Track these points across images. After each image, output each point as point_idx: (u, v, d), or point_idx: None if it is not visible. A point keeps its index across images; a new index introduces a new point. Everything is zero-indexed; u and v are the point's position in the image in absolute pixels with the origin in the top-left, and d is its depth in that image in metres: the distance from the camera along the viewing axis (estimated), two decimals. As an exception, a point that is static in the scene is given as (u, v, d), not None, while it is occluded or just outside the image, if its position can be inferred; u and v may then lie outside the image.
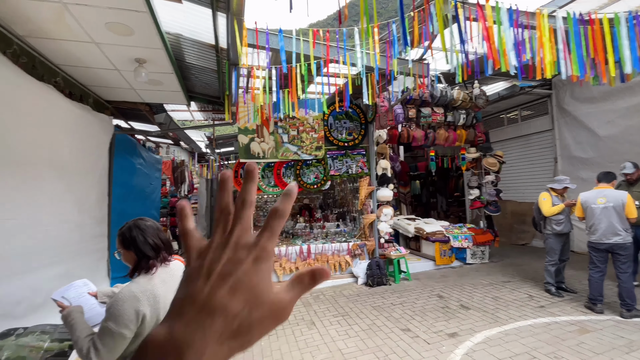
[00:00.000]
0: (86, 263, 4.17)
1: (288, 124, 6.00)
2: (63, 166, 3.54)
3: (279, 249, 5.97)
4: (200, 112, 8.28)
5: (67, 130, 3.60)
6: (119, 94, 4.75)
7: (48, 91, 3.31)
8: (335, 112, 6.34)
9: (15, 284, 2.81)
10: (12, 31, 2.92)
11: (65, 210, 3.62)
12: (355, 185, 7.18)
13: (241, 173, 5.93)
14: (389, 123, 5.35)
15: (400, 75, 4.84)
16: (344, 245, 6.26)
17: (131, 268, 1.56)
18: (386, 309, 4.68)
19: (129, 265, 1.58)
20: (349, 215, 7.67)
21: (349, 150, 6.36)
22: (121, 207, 5.42)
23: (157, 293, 1.47)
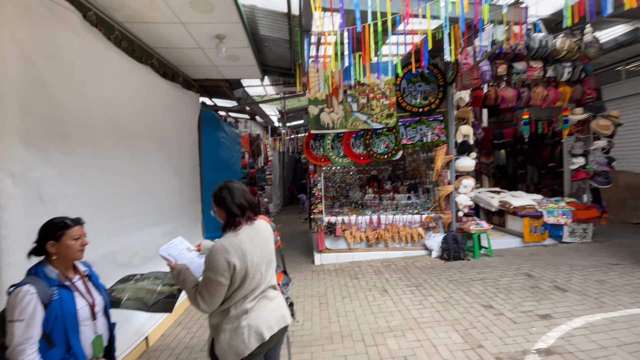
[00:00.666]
0: (185, 223, 4.82)
1: (357, 91, 5.80)
2: (163, 139, 4.04)
3: (349, 218, 6.04)
4: (273, 86, 8.55)
5: (165, 106, 4.07)
6: (202, 72, 5.14)
7: (147, 71, 3.74)
8: (408, 75, 5.89)
9: (131, 239, 3.40)
10: (113, 18, 3.32)
11: (167, 178, 4.18)
12: (430, 155, 6.73)
13: (312, 144, 6.04)
14: (474, 83, 4.75)
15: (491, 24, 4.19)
16: (416, 217, 6.03)
17: (223, 224, 1.72)
18: (464, 284, 4.43)
19: (222, 222, 1.75)
20: (421, 187, 7.30)
21: (424, 116, 5.92)
22: (210, 176, 6.06)
23: (244, 247, 1.61)
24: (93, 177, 2.89)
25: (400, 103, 5.89)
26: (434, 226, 5.94)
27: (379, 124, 5.83)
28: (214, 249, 1.58)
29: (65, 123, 2.60)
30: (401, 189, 7.49)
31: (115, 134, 3.17)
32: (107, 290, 2.08)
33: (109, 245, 3.11)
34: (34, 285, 1.55)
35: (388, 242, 5.97)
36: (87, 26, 2.82)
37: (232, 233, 1.65)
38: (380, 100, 5.83)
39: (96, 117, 2.91)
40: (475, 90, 5.94)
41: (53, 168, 2.50)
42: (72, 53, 2.64)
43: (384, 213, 6.27)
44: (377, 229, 6.00)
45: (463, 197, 5.76)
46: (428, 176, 6.79)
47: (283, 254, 2.14)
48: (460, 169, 5.77)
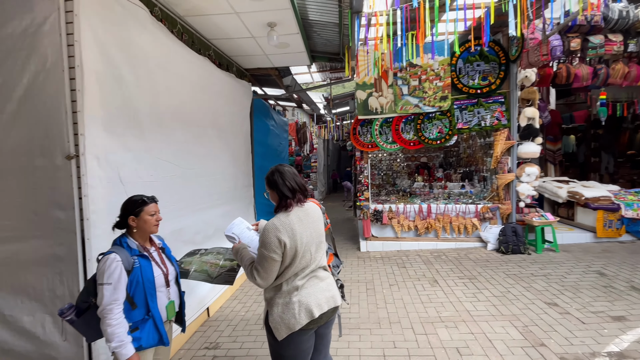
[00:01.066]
0: (239, 207, 5.10)
1: (408, 73, 5.54)
2: (220, 127, 4.28)
3: (396, 206, 5.91)
4: (319, 72, 8.53)
5: (221, 95, 4.29)
6: (254, 61, 5.30)
7: (205, 62, 3.96)
8: (465, 54, 5.47)
9: (194, 218, 3.70)
10: (175, 12, 3.53)
11: (224, 163, 4.44)
12: (488, 140, 6.26)
13: (359, 130, 5.96)
14: (542, 59, 4.26)
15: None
16: (470, 207, 5.70)
17: (275, 206, 1.79)
18: (524, 279, 4.12)
19: (274, 204, 1.82)
20: (477, 175, 6.85)
21: (483, 98, 5.48)
22: (260, 163, 6.31)
23: (294, 228, 1.66)
24: (161, 161, 3.17)
25: (455, 84, 5.52)
26: (491, 217, 5.57)
27: (431, 108, 5.54)
28: (266, 227, 1.66)
29: (138, 112, 2.86)
30: (454, 177, 7.11)
31: (179, 121, 3.42)
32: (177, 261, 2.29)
33: (176, 223, 3.41)
34: (119, 253, 1.76)
35: (439, 232, 5.74)
36: (153, 21, 3.04)
37: (283, 214, 1.71)
38: (434, 82, 5.51)
39: (163, 106, 3.17)
40: (543, 68, 5.33)
41: (129, 152, 2.78)
42: (143, 47, 2.88)
43: (435, 202, 6.02)
44: (426, 218, 5.79)
45: (525, 186, 5.29)
46: (485, 163, 6.34)
47: (334, 236, 2.17)
48: (524, 155, 5.29)
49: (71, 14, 2.36)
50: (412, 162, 9.44)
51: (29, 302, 2.40)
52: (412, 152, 9.48)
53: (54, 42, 2.25)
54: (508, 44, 5.31)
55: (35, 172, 2.34)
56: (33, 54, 2.28)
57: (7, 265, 2.40)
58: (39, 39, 2.26)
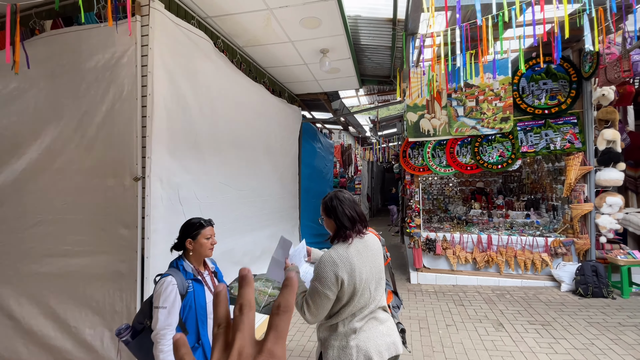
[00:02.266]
0: (285, 228, 5.09)
1: (464, 94, 5.26)
2: (271, 150, 4.38)
3: (451, 235, 5.46)
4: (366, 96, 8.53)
5: (273, 120, 4.42)
6: (305, 86, 5.44)
7: (260, 89, 4.12)
8: (529, 72, 5.07)
9: (244, 239, 3.73)
10: (235, 43, 3.75)
11: (272, 185, 4.49)
12: (558, 165, 5.63)
13: (409, 153, 5.72)
14: (623, 76, 3.75)
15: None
16: (539, 240, 5.06)
17: (331, 235, 1.67)
18: (610, 329, 3.46)
19: (330, 232, 1.70)
20: (544, 204, 6.15)
21: (551, 119, 4.98)
22: (307, 184, 6.34)
23: (353, 262, 1.52)
24: (217, 183, 3.27)
25: (518, 105, 5.10)
26: (564, 253, 4.88)
27: (490, 130, 5.16)
28: (323, 260, 1.54)
29: (199, 137, 3.01)
30: (517, 204, 6.45)
31: (234, 145, 3.54)
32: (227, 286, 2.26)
33: (227, 244, 3.46)
34: (175, 277, 1.76)
35: (501, 266, 5.16)
36: (216, 51, 3.25)
37: (342, 245, 1.58)
38: (493, 102, 5.15)
39: (221, 131, 3.31)
40: (622, 85, 4.72)
41: (189, 175, 2.90)
42: (206, 75, 3.06)
43: (496, 232, 5.46)
44: (486, 251, 5.26)
45: (607, 218, 4.58)
46: (554, 191, 5.67)
47: (393, 271, 1.97)
48: (603, 183, 4.62)
49: (146, 48, 2.58)
50: (467, 187, 8.84)
51: (92, 316, 2.52)
52: (466, 176, 8.89)
53: (131, 73, 2.46)
54: (579, 60, 4.82)
55: (106, 192, 2.52)
56: (112, 84, 2.51)
57: (76, 278, 2.57)
58: (118, 71, 2.50)
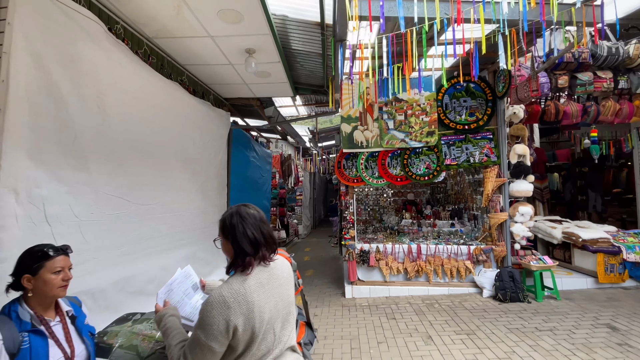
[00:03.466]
0: (208, 246, 4.53)
1: (394, 108, 5.37)
2: (188, 157, 3.86)
3: (384, 246, 5.44)
4: (304, 106, 8.39)
5: (191, 124, 3.92)
6: (234, 90, 5.03)
7: (176, 88, 3.62)
8: (452, 90, 5.37)
9: (148, 263, 3.14)
10: (142, 33, 3.24)
11: (190, 198, 3.95)
12: (477, 177, 6.02)
13: (344, 164, 5.63)
14: (532, 95, 4.14)
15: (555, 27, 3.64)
16: (463, 248, 5.29)
17: (228, 263, 1.32)
18: (529, 335, 3.63)
19: (228, 258, 1.35)
20: (467, 213, 6.54)
21: (471, 134, 5.31)
22: (238, 196, 5.84)
23: (252, 299, 1.19)
24: (108, 196, 2.68)
25: (442, 120, 5.35)
26: (485, 260, 5.15)
27: (418, 143, 5.31)
28: (210, 301, 1.17)
29: (80, 138, 2.42)
30: (443, 214, 6.77)
31: (136, 150, 2.98)
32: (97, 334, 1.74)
33: (122, 271, 2.85)
34: (2, 329, 1.24)
35: (430, 275, 5.26)
36: (110, 38, 2.71)
37: (238, 278, 1.24)
38: (420, 117, 5.34)
39: (116, 133, 2.74)
40: (531, 105, 5.25)
41: (63, 185, 2.30)
42: (93, 64, 2.51)
43: (425, 242, 5.59)
44: (416, 260, 5.33)
45: (520, 226, 4.96)
46: (475, 201, 6.05)
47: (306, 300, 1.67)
48: (516, 194, 5.02)
49: (3, 23, 2.00)
50: (400, 198, 9.13)
51: None
52: (399, 188, 9.20)
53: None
54: (494, 81, 5.26)
55: None
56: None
57: None
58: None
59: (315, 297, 5.40)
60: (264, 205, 7.87)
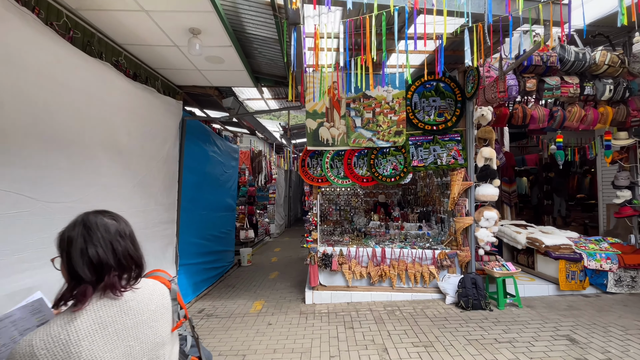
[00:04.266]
0: (151, 250, 4.08)
1: (362, 105, 5.10)
2: (121, 149, 3.39)
3: (348, 249, 5.18)
4: (275, 99, 8.00)
5: (126, 111, 3.45)
6: (186, 77, 4.58)
7: (104, 69, 3.15)
8: (421, 89, 5.17)
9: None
10: (62, 3, 2.76)
11: (125, 195, 3.49)
12: (445, 179, 5.87)
13: (308, 162, 5.31)
14: (499, 96, 3.98)
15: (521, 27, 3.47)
16: (427, 252, 5.11)
17: (59, 292, 0.96)
18: (488, 347, 3.45)
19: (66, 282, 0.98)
20: (434, 216, 6.39)
21: (439, 135, 5.12)
22: (193, 194, 5.39)
23: (78, 349, 0.83)
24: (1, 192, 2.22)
25: (411, 119, 5.13)
26: (449, 265, 4.99)
27: (385, 142, 5.07)
28: (12, 354, 0.81)
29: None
30: (411, 216, 6.60)
31: (43, 139, 2.51)
32: None
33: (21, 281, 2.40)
34: None
35: (393, 280, 5.04)
36: (10, 4, 2.23)
37: (64, 317, 0.88)
38: (388, 115, 5.09)
39: (10, 116, 2.27)
40: (499, 108, 5.14)
41: None
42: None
43: (390, 245, 5.37)
44: (380, 265, 5.09)
45: (484, 231, 4.83)
46: (442, 204, 5.90)
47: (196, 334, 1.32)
48: (482, 198, 4.88)
49: None
50: (370, 199, 8.93)
51: None
52: (370, 188, 9.00)
53: None
54: (464, 81, 5.09)
55: None
56: None
57: None
58: None
59: (274, 302, 5.06)
60: (228, 203, 7.42)
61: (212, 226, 6.42)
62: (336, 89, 5.08)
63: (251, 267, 7.79)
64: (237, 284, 6.33)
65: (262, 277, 6.73)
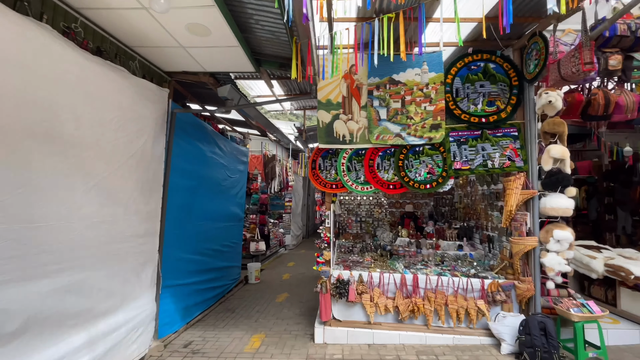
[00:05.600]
0: (118, 270, 3.23)
1: (388, 92, 4.07)
2: (66, 139, 2.57)
3: (369, 275, 4.10)
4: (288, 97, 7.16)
5: (74, 90, 2.63)
6: (172, 59, 3.77)
7: (41, 33, 2.34)
8: (464, 71, 4.07)
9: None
10: None
11: (73, 200, 2.65)
12: (495, 187, 4.68)
13: (320, 164, 4.32)
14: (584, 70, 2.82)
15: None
16: (474, 282, 3.93)
17: None
18: None
19: None
20: (478, 234, 5.18)
21: (489, 129, 3.99)
22: (184, 200, 4.55)
23: None
24: None
25: (452, 110, 4.03)
26: (504, 300, 3.78)
27: (418, 139, 4.00)
28: None
29: None
30: (448, 233, 5.41)
31: None
32: None
33: None
34: None
35: (429, 318, 3.89)
36: None
37: None
38: (422, 105, 4.03)
39: None
40: (570, 94, 3.94)
41: None
42: None
43: (424, 270, 4.24)
44: (412, 296, 3.97)
45: (554, 257, 3.60)
46: (491, 219, 4.70)
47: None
48: (550, 212, 3.66)
49: None
50: (397, 210, 7.78)
51: None
52: (395, 197, 7.85)
53: None
54: (522, 60, 3.95)
55: None
56: None
57: None
58: None
59: (277, 338, 4.06)
60: (233, 212, 6.56)
61: (212, 239, 5.55)
62: (355, 73, 4.10)
63: (259, 286, 6.84)
64: (239, 307, 5.39)
65: (268, 300, 5.76)
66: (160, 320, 4.01)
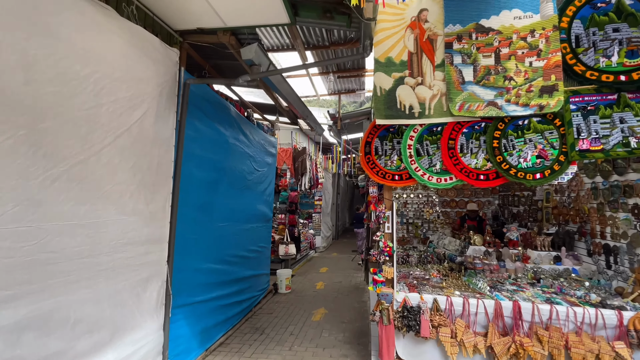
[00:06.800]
0: (106, 291, 2.32)
1: (475, 44, 2.90)
2: (9, 98, 1.64)
3: (448, 300, 2.95)
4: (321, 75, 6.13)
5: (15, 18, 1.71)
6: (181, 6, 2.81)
7: None
8: (587, 11, 2.82)
9: None
10: None
11: (26, 196, 1.75)
12: (614, 180, 3.37)
13: (377, 147, 3.22)
14: None
15: None
16: (607, 313, 2.68)
17: None
18: None
19: None
20: (586, 242, 3.85)
21: (629, 93, 2.71)
22: (201, 197, 3.64)
23: None
24: None
25: (571, 65, 2.79)
26: (664, 346, 2.51)
27: (522, 108, 2.79)
28: None
29: None
30: (539, 240, 4.11)
31: None
32: None
33: None
34: None
35: (541, 366, 2.69)
36: None
37: None
38: (526, 59, 2.83)
39: None
40: None
41: None
42: None
43: (520, 293, 3.04)
44: (512, 333, 2.78)
45: None
46: (614, 223, 3.37)
47: None
48: None
49: None
50: (453, 210, 6.52)
51: None
52: (451, 195, 6.58)
53: None
54: (687, -15, 2.64)
55: None
56: None
57: None
58: None
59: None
60: (261, 211, 5.62)
61: (236, 243, 4.63)
62: (425, 20, 2.96)
63: (290, 296, 5.88)
64: (268, 326, 4.44)
65: (302, 317, 4.77)
66: (171, 351, 3.11)
